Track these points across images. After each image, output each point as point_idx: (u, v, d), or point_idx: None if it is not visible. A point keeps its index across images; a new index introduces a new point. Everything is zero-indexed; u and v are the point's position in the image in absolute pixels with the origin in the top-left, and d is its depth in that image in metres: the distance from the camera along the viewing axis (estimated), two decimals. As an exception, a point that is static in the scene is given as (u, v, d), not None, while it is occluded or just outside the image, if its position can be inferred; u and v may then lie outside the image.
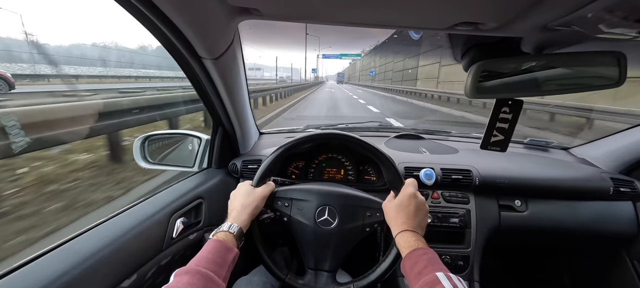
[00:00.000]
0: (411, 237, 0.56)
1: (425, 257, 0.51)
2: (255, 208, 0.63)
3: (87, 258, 0.51)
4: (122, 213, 0.65)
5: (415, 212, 0.60)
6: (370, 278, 0.63)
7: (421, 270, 0.49)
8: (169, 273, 0.74)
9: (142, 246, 0.62)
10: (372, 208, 0.67)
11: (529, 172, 0.99)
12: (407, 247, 0.55)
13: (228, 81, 0.72)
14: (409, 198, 0.61)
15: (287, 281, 0.64)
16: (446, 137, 1.35)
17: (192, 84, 0.70)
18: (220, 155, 1.00)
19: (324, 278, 0.65)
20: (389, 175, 0.66)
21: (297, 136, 0.70)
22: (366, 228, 0.67)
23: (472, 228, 0.95)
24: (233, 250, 0.53)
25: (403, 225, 0.58)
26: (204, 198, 0.87)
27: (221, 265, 0.49)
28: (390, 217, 0.62)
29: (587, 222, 0.96)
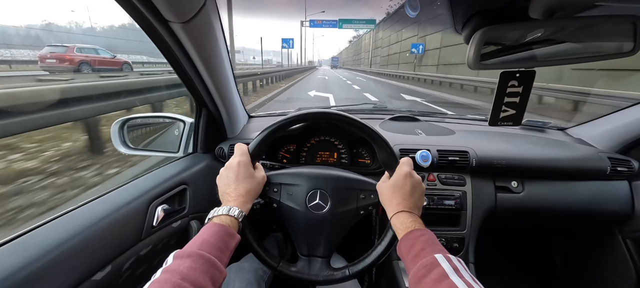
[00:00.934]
0: (407, 218, 0.52)
1: (423, 238, 0.48)
2: (256, 194, 0.58)
3: (50, 251, 0.46)
4: (93, 201, 0.60)
5: (411, 192, 0.56)
6: (366, 262, 0.60)
7: (418, 252, 0.46)
8: (151, 264, 0.71)
9: (117, 236, 0.58)
10: (366, 190, 0.64)
11: (526, 153, 0.97)
12: (403, 228, 0.51)
13: (205, 52, 0.65)
14: (404, 178, 0.57)
15: (279, 269, 0.61)
16: (442, 118, 1.31)
17: (166, 58, 0.64)
18: (206, 139, 0.95)
19: (317, 264, 0.62)
20: (383, 155, 0.62)
21: (289, 115, 0.64)
22: (360, 211, 0.63)
23: (468, 210, 0.94)
24: (235, 236, 0.49)
25: (398, 206, 0.54)
26: (188, 185, 0.82)
27: (223, 251, 0.45)
28: (385, 198, 0.58)
29: (583, 202, 0.95)
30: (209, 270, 0.40)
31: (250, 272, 0.84)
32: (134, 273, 0.62)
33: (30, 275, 0.42)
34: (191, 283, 0.37)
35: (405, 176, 0.57)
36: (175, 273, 0.37)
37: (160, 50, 0.61)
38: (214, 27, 0.65)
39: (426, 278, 0.42)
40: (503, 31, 0.47)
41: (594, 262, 1.15)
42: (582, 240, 1.19)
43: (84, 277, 0.49)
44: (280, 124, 0.62)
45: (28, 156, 2.60)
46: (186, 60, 0.65)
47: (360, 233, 0.91)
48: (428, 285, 0.41)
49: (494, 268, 1.39)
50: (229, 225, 0.49)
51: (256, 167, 0.62)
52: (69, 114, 2.67)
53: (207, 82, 0.74)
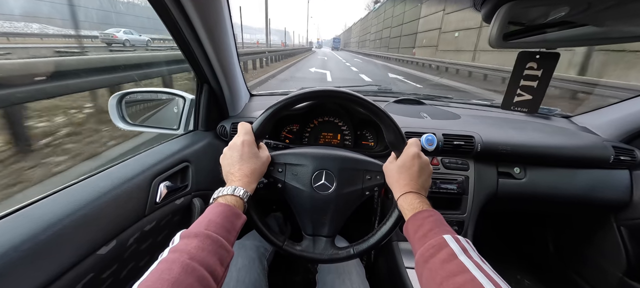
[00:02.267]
0: (415, 199, 0.52)
1: (431, 219, 0.48)
2: (261, 174, 0.57)
3: (53, 224, 0.45)
4: (95, 175, 0.59)
5: (419, 173, 0.55)
6: (370, 242, 0.60)
7: (426, 233, 0.46)
8: (155, 239, 0.71)
9: (121, 211, 0.57)
10: (372, 171, 0.63)
11: (531, 140, 0.96)
12: (410, 209, 0.51)
13: (209, 22, 0.61)
14: (412, 159, 0.56)
15: (284, 248, 0.61)
16: (447, 102, 1.29)
17: (168, 29, 0.60)
18: (207, 116, 0.92)
19: (322, 243, 0.62)
20: (390, 135, 0.60)
21: (293, 93, 0.61)
22: (366, 192, 0.63)
23: (470, 194, 0.94)
24: (241, 216, 0.48)
25: (406, 187, 0.53)
26: (190, 162, 0.80)
27: (230, 231, 0.44)
28: (392, 179, 0.57)
29: (584, 189, 0.96)
30: (217, 250, 0.40)
31: (253, 249, 0.85)
32: (138, 248, 0.62)
33: (35, 247, 0.41)
34: (199, 263, 0.36)
35: (414, 157, 0.56)
36: (183, 253, 0.37)
37: (163, 20, 0.57)
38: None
39: (434, 258, 0.42)
40: (528, 6, 0.44)
41: (584, 246, 1.18)
42: (575, 225, 1.22)
43: (89, 250, 0.49)
44: (285, 102, 0.59)
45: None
46: (189, 31, 0.61)
47: (361, 215, 0.91)
48: (436, 265, 0.41)
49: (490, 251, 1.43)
50: (235, 205, 0.48)
51: (260, 147, 0.60)
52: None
53: (210, 56, 0.71)
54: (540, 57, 0.47)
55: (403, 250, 0.91)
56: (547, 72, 0.48)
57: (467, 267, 0.38)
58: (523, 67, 0.48)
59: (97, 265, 0.50)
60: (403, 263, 0.87)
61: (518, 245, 1.52)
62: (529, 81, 0.49)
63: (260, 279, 0.81)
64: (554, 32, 0.50)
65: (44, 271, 0.42)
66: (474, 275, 0.36)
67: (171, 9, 0.55)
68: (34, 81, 2.33)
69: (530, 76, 0.49)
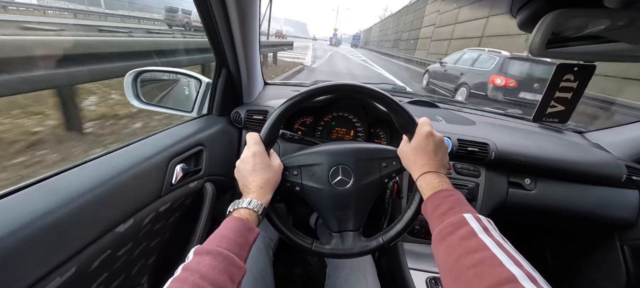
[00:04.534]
0: (434, 178, 0.51)
1: (451, 198, 0.46)
2: (276, 183, 0.56)
3: (76, 197, 0.44)
4: (116, 152, 0.58)
5: (435, 151, 0.54)
6: (397, 228, 0.59)
7: (446, 211, 0.44)
8: (167, 220, 0.70)
9: (139, 190, 0.56)
10: (388, 158, 0.62)
11: (544, 152, 0.96)
12: (430, 188, 0.49)
13: (242, 6, 0.60)
14: (426, 138, 0.54)
15: (314, 249, 0.60)
16: (461, 107, 1.29)
17: (198, 8, 0.58)
18: (222, 101, 0.91)
19: (350, 238, 0.61)
20: (399, 118, 0.59)
21: (300, 93, 0.59)
22: (384, 180, 0.62)
23: (479, 201, 0.94)
24: (255, 230, 0.47)
25: (424, 166, 0.52)
26: (205, 146, 0.80)
27: (243, 246, 0.44)
28: (409, 161, 0.56)
29: (592, 206, 0.96)
30: (228, 267, 0.39)
31: (259, 238, 0.85)
32: (152, 229, 0.62)
33: (59, 220, 0.41)
34: (210, 283, 0.36)
35: (427, 136, 0.54)
36: (195, 272, 0.36)
37: (198, 8, 0.55)
38: None
39: (452, 235, 0.40)
40: (573, 16, 0.44)
41: (583, 262, 1.19)
42: (578, 240, 1.23)
43: (108, 227, 0.48)
44: (290, 103, 0.58)
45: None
46: (221, 12, 0.60)
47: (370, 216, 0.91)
48: (454, 242, 0.40)
49: None
50: (248, 219, 0.47)
51: (271, 155, 0.59)
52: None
53: (236, 39, 0.70)
54: (578, 69, 0.47)
55: (408, 251, 0.91)
56: (582, 84, 0.48)
57: (487, 245, 0.37)
58: (560, 78, 0.48)
59: (115, 242, 0.50)
60: (407, 263, 0.88)
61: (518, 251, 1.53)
62: (563, 93, 0.49)
63: (267, 269, 0.81)
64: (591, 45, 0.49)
65: (67, 244, 0.41)
66: (493, 253, 0.35)
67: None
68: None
69: (565, 88, 0.48)
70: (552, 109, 0.50)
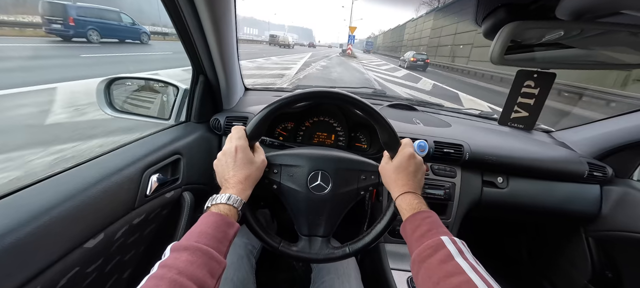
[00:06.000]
0: (413, 199, 0.53)
1: (428, 220, 0.49)
2: (256, 179, 0.56)
3: (38, 216, 0.42)
4: (84, 164, 0.56)
5: (415, 173, 0.57)
6: (365, 240, 0.61)
7: (424, 233, 0.47)
8: (142, 232, 0.68)
9: (110, 203, 0.54)
10: (367, 171, 0.64)
11: (514, 151, 1.01)
12: (409, 209, 0.52)
13: (216, 13, 0.60)
14: (408, 159, 0.57)
15: (280, 249, 0.61)
16: (438, 110, 1.33)
17: (170, 15, 0.57)
18: (201, 108, 0.90)
19: (318, 243, 0.63)
20: (385, 135, 0.62)
21: (290, 94, 0.61)
22: (361, 192, 0.64)
23: (455, 200, 0.98)
24: (234, 225, 0.47)
25: (404, 187, 0.55)
26: (182, 155, 0.78)
27: (222, 241, 0.43)
28: (390, 180, 0.58)
29: (559, 201, 1.02)
30: (207, 262, 0.39)
31: (241, 246, 0.84)
32: (125, 242, 0.60)
33: (18, 241, 0.39)
34: (189, 278, 0.35)
35: (409, 157, 0.57)
36: (172, 269, 0.36)
37: (166, 7, 0.54)
38: None
39: (431, 258, 0.43)
40: (529, 27, 0.47)
41: (556, 255, 1.26)
42: (549, 235, 1.30)
43: (75, 244, 0.46)
44: (281, 102, 0.59)
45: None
46: (193, 20, 0.59)
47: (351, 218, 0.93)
48: (433, 265, 0.42)
49: None
50: (227, 215, 0.47)
51: (256, 150, 0.59)
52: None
53: (212, 47, 0.69)
54: (537, 76, 0.50)
55: (389, 252, 0.93)
56: (543, 90, 0.51)
57: (463, 269, 0.40)
58: (521, 84, 0.50)
59: (83, 259, 0.48)
60: (389, 264, 0.90)
61: (494, 250, 1.60)
62: (526, 99, 0.51)
63: (249, 277, 0.80)
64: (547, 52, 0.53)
65: (27, 266, 0.39)
66: (469, 277, 0.38)
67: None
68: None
69: (527, 94, 0.51)
70: (516, 114, 0.53)
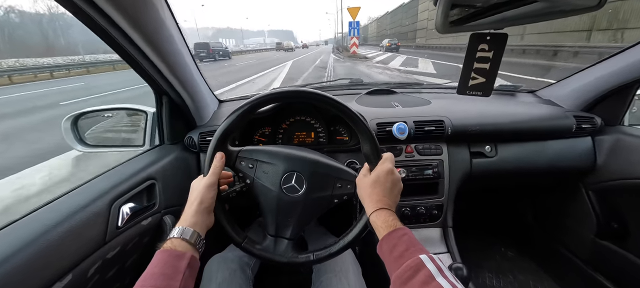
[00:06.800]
0: (388, 216, 0.51)
1: (405, 238, 0.48)
2: (203, 201, 0.55)
3: None
4: (43, 207, 0.54)
5: (391, 189, 0.55)
6: (331, 250, 0.60)
7: (402, 253, 0.45)
8: (123, 265, 0.67)
9: (75, 242, 0.53)
10: (344, 180, 0.62)
11: (497, 118, 0.99)
12: (385, 227, 0.50)
13: (147, 30, 0.57)
14: (386, 175, 0.56)
15: (243, 245, 0.60)
16: (419, 89, 1.31)
17: (106, 41, 0.55)
18: (172, 129, 0.88)
19: (283, 245, 0.61)
20: (366, 146, 0.60)
21: (249, 100, 0.59)
22: (334, 200, 0.62)
23: (445, 177, 0.96)
24: (185, 255, 0.47)
25: (378, 203, 0.53)
26: (156, 179, 0.77)
27: (172, 277, 0.43)
28: (365, 193, 0.57)
29: (551, 160, 1.00)
30: None
31: (234, 261, 0.83)
32: (103, 278, 0.59)
33: None
34: None
35: (388, 172, 0.56)
36: None
37: (96, 33, 0.52)
38: (153, 1, 0.56)
39: (413, 280, 0.41)
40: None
41: (560, 214, 1.23)
42: (550, 196, 1.27)
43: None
44: (244, 109, 0.58)
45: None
46: (127, 42, 0.57)
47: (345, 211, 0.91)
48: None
49: (471, 230, 1.48)
50: (175, 247, 0.48)
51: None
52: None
53: (160, 67, 0.66)
54: (490, 39, 0.47)
55: None
56: (497, 53, 0.48)
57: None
58: (475, 49, 0.48)
59: None
60: None
61: (500, 220, 1.57)
62: (481, 63, 0.49)
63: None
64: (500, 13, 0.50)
65: None
66: None
67: (99, 21, 0.50)
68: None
69: (482, 58, 0.48)
70: (473, 81, 0.51)
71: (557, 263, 1.25)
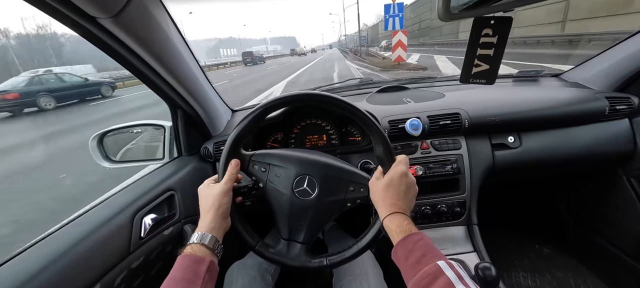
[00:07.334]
0: (403, 220, 0.50)
1: (421, 243, 0.46)
2: (220, 206, 0.56)
3: (28, 281, 0.44)
4: (71, 222, 0.58)
5: (405, 193, 0.53)
6: (345, 255, 0.58)
7: (419, 259, 0.43)
8: (148, 274, 0.69)
9: (102, 253, 0.55)
10: (357, 183, 0.61)
11: (520, 105, 0.93)
12: (399, 232, 0.48)
13: (154, 47, 0.59)
14: (400, 178, 0.54)
15: (257, 249, 0.60)
16: (431, 83, 1.27)
17: (116, 60, 0.58)
18: (188, 140, 0.91)
19: (296, 249, 0.61)
20: (379, 149, 0.59)
21: (261, 105, 0.60)
22: (347, 203, 0.61)
23: (466, 173, 0.91)
24: (205, 260, 0.48)
25: (392, 206, 0.52)
26: (176, 190, 0.79)
27: (193, 281, 0.45)
28: (378, 197, 0.55)
29: (583, 147, 0.92)
30: None
31: (254, 267, 0.83)
32: (129, 286, 0.61)
33: None
34: None
35: (402, 176, 0.54)
36: None
37: (105, 52, 0.55)
38: (156, 17, 0.58)
39: (431, 287, 0.40)
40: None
41: (599, 205, 1.13)
42: (585, 186, 1.18)
43: None
44: (253, 115, 0.59)
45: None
46: (137, 60, 0.59)
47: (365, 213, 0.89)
48: None
49: (499, 227, 1.39)
50: (195, 252, 0.49)
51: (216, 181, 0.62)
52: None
53: (171, 81, 0.69)
54: (495, 23, 0.44)
55: None
56: (502, 37, 0.45)
57: None
58: (479, 34, 0.45)
59: None
60: None
61: (530, 215, 1.47)
62: (485, 49, 0.46)
63: None
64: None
65: None
66: None
67: (108, 42, 0.53)
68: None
69: (486, 43, 0.46)
70: (477, 69, 0.48)
71: (600, 258, 1.14)
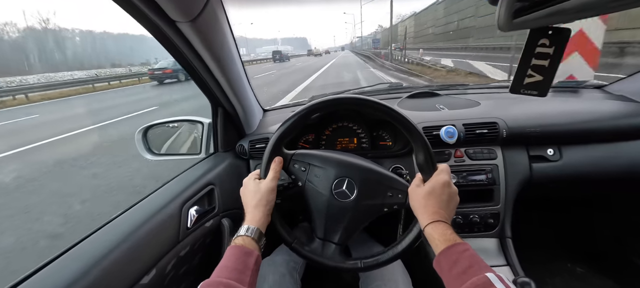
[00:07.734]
0: (446, 229, 0.49)
1: (467, 254, 0.45)
2: (268, 203, 0.59)
3: (102, 259, 0.48)
4: (131, 209, 0.63)
5: (448, 202, 0.53)
6: (380, 259, 0.59)
7: (465, 270, 0.43)
8: (191, 263, 0.73)
9: (157, 240, 0.60)
10: (395, 189, 0.61)
11: (561, 117, 0.90)
12: (443, 240, 0.48)
13: (215, 49, 0.64)
14: (442, 187, 0.54)
15: (293, 246, 0.62)
16: (464, 90, 1.24)
17: (177, 60, 0.63)
18: (225, 138, 0.95)
19: (331, 249, 0.62)
20: (421, 156, 0.58)
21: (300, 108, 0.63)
22: (384, 208, 0.61)
23: (501, 184, 0.89)
24: (253, 253, 0.51)
25: (435, 215, 0.51)
26: (215, 185, 0.83)
27: (243, 271, 0.47)
28: (419, 204, 0.55)
29: (629, 164, 0.88)
30: None
31: (282, 264, 0.86)
32: (177, 274, 0.65)
33: (89, 285, 0.44)
34: None
35: (444, 185, 0.54)
36: None
37: (170, 53, 0.60)
38: (221, 21, 0.63)
39: None
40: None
41: None
42: (629, 205, 1.11)
43: (133, 282, 0.51)
44: (294, 118, 0.61)
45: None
46: (197, 60, 0.64)
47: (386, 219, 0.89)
48: None
49: (534, 241, 1.34)
50: (245, 244, 0.51)
51: (260, 179, 0.63)
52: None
53: (220, 80, 0.74)
54: (552, 33, 0.43)
55: None
56: (559, 49, 0.44)
57: None
58: (535, 44, 0.44)
59: None
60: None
61: (566, 232, 1.41)
62: (540, 60, 0.45)
63: None
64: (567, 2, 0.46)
65: None
66: None
67: (178, 44, 0.58)
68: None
69: (541, 54, 0.45)
70: (529, 79, 0.47)
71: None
